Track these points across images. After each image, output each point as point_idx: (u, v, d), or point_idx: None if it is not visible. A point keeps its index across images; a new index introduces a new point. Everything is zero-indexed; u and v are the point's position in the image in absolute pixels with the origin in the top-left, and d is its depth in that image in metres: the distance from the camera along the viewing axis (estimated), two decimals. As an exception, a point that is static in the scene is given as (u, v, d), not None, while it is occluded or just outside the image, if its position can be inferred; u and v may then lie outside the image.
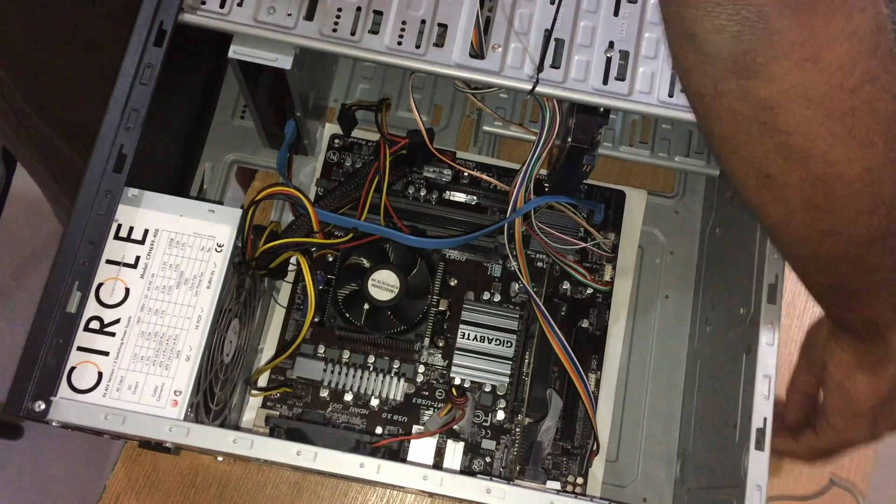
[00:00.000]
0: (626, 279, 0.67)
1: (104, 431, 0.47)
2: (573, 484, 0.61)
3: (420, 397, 0.63)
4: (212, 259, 0.50)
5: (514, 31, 0.55)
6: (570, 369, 0.58)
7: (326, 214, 0.59)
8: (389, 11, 0.55)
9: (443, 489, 0.48)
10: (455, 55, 0.54)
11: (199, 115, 0.69)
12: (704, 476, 0.58)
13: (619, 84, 0.54)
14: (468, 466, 0.61)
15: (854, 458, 0.65)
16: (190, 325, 0.49)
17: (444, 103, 0.72)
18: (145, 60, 0.51)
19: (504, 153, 0.71)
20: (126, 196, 0.50)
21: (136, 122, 0.50)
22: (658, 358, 0.67)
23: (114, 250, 0.49)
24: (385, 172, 0.62)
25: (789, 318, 0.68)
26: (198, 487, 0.62)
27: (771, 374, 0.50)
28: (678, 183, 0.72)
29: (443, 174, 0.67)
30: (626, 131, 0.71)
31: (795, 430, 0.53)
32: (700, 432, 0.60)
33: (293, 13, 0.54)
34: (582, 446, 0.62)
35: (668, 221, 0.70)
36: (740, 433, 0.50)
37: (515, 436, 0.62)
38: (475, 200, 0.67)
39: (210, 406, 0.53)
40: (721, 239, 0.64)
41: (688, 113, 0.54)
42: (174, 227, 0.50)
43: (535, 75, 0.54)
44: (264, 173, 0.70)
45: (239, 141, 0.69)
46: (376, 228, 0.60)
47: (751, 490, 0.48)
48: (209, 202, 0.52)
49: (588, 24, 0.56)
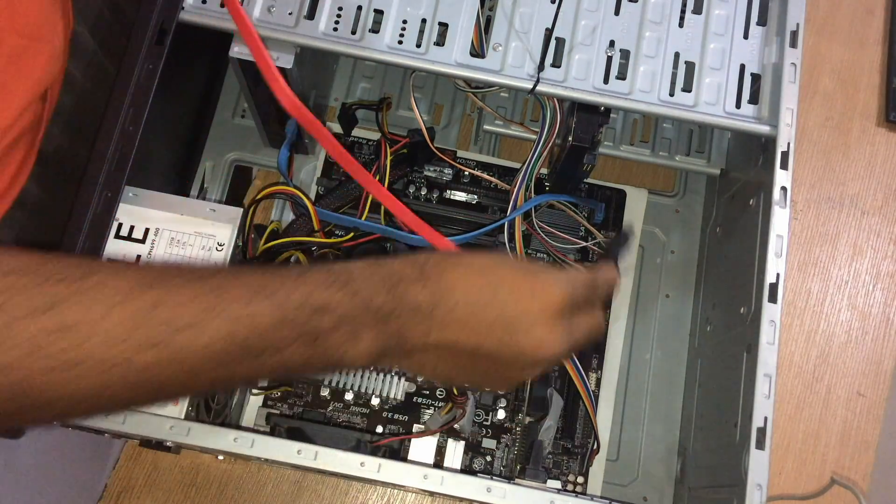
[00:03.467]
0: (626, 278, 0.67)
1: (105, 430, 0.47)
2: (574, 483, 0.61)
3: (421, 396, 0.63)
4: (213, 258, 0.50)
5: (515, 30, 0.55)
6: (570, 369, 0.58)
7: (327, 213, 0.59)
8: (390, 10, 0.55)
9: (443, 488, 0.48)
10: (456, 54, 0.54)
11: (199, 115, 0.69)
12: (705, 475, 0.58)
13: (619, 83, 0.54)
14: (469, 465, 0.61)
15: (855, 457, 0.65)
16: (191, 324, 0.49)
17: (444, 102, 0.72)
18: (146, 59, 0.51)
19: (504, 152, 0.71)
20: (126, 195, 0.50)
21: (137, 122, 0.50)
22: (659, 357, 0.67)
23: (114, 249, 0.49)
24: (386, 171, 0.62)
25: (790, 317, 0.68)
26: (198, 486, 0.62)
27: (771, 373, 0.49)
28: (679, 182, 0.72)
29: (443, 173, 0.67)
30: (627, 130, 0.71)
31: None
32: (700, 431, 0.60)
33: (294, 12, 0.54)
34: (582, 445, 0.62)
35: (669, 220, 0.70)
36: (741, 432, 0.50)
37: (516, 435, 0.62)
38: (476, 199, 0.67)
39: (211, 405, 0.53)
40: (721, 238, 0.64)
41: (688, 112, 0.54)
42: (175, 226, 0.50)
43: (536, 74, 0.54)
44: (265, 172, 0.70)
45: (239, 140, 0.69)
46: (377, 227, 0.60)
47: (751, 489, 0.47)
48: (210, 202, 0.52)
49: (589, 23, 0.56)
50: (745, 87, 0.55)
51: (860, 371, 0.67)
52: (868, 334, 0.68)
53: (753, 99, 0.55)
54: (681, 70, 0.55)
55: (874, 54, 0.74)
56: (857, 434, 0.66)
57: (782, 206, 0.52)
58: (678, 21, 0.56)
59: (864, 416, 0.66)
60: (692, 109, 0.54)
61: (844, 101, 0.73)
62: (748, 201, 0.57)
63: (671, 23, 0.56)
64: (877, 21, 0.75)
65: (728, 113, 0.55)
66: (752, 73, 0.55)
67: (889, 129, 0.73)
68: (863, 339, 0.68)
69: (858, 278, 0.69)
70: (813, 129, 0.72)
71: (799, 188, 0.71)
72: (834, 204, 0.71)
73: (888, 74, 0.73)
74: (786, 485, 0.65)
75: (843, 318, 0.68)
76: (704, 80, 0.55)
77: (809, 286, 0.69)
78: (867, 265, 0.70)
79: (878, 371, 0.67)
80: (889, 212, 0.71)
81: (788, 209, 0.52)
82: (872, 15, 0.76)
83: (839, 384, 0.67)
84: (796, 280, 0.69)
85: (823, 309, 0.68)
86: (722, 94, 0.55)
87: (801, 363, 0.67)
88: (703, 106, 0.55)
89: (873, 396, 0.67)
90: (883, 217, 0.71)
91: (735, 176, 0.64)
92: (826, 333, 0.68)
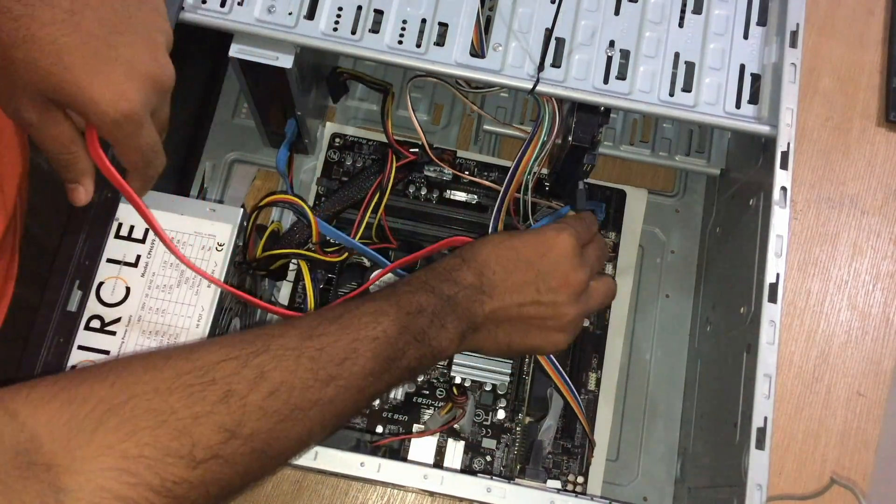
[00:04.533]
0: (626, 278, 0.67)
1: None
2: (574, 483, 0.61)
3: (420, 396, 0.63)
4: (212, 258, 0.50)
5: (515, 30, 0.55)
6: (546, 365, 0.58)
7: (327, 228, 0.58)
8: (390, 10, 0.55)
9: (443, 488, 0.48)
10: (456, 54, 0.54)
11: (199, 114, 0.69)
12: (705, 475, 0.58)
13: (619, 83, 0.54)
14: (469, 465, 0.61)
15: (855, 456, 0.65)
16: (191, 324, 0.49)
17: (444, 102, 0.72)
18: (146, 59, 0.51)
19: (505, 152, 0.71)
20: (127, 195, 0.50)
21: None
22: (659, 357, 0.67)
23: (114, 249, 0.49)
24: (389, 184, 0.61)
25: (790, 317, 0.68)
26: (198, 486, 0.62)
27: (771, 373, 0.49)
28: (679, 182, 0.72)
29: (443, 173, 0.67)
30: (627, 130, 0.71)
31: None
32: (700, 431, 0.60)
33: (294, 12, 0.54)
34: (582, 445, 0.62)
35: (669, 220, 0.70)
36: (741, 432, 0.50)
37: (516, 435, 0.62)
38: (476, 199, 0.67)
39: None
40: (721, 238, 0.64)
41: (688, 112, 0.54)
42: (175, 225, 0.50)
43: (536, 74, 0.54)
44: (265, 172, 0.70)
45: (239, 140, 0.69)
46: (369, 253, 0.59)
47: (751, 489, 0.47)
48: (210, 201, 0.52)
49: (588, 24, 0.56)
50: (745, 87, 0.55)
51: (860, 371, 0.67)
52: (868, 334, 0.68)
53: (753, 99, 0.55)
54: (681, 70, 0.55)
55: (874, 54, 0.74)
56: (857, 434, 0.66)
57: (782, 206, 0.52)
58: (678, 21, 0.56)
59: (864, 416, 0.66)
60: (692, 109, 0.54)
61: (844, 101, 0.73)
62: (748, 201, 0.57)
63: (671, 23, 0.56)
64: (877, 21, 0.75)
65: (728, 113, 0.55)
66: (752, 73, 0.55)
67: (889, 129, 0.73)
68: (863, 339, 0.68)
69: (858, 278, 0.69)
70: (813, 129, 0.72)
71: (799, 188, 0.71)
72: (834, 204, 0.71)
73: (888, 74, 0.73)
74: (786, 485, 0.65)
75: (843, 318, 0.68)
76: (704, 80, 0.55)
77: (809, 286, 0.69)
78: (867, 265, 0.70)
79: (878, 371, 0.67)
80: (889, 212, 0.71)
81: (788, 209, 0.52)
82: (872, 15, 0.75)
83: (839, 384, 0.67)
84: (796, 280, 0.69)
85: (823, 309, 0.68)
86: (722, 94, 0.55)
87: (801, 363, 0.67)
88: (703, 106, 0.55)
89: (873, 396, 0.66)
90: (883, 217, 0.71)
91: (735, 176, 0.64)
92: (826, 333, 0.68)
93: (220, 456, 0.36)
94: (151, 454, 0.34)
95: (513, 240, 0.50)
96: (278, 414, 0.38)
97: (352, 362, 0.41)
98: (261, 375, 0.38)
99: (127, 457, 0.34)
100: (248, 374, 0.38)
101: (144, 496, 0.34)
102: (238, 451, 0.37)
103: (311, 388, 0.40)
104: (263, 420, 0.38)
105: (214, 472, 0.36)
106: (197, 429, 0.36)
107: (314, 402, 0.40)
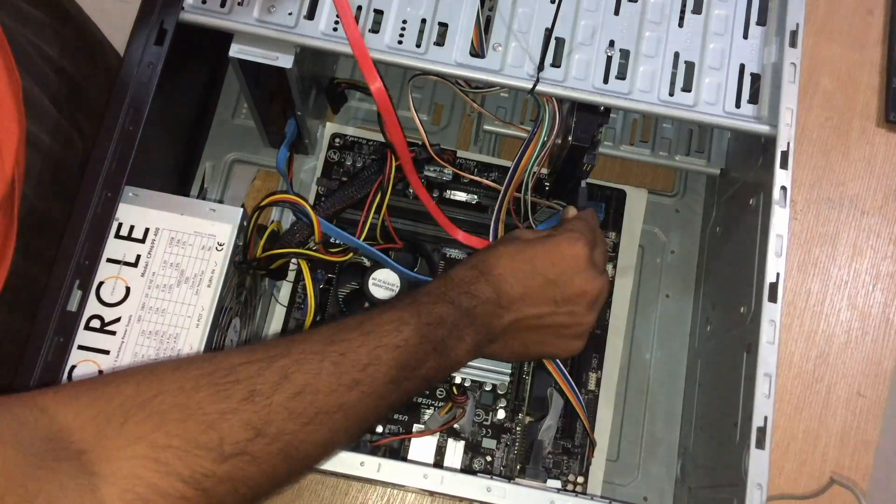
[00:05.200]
0: (626, 278, 0.67)
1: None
2: (574, 483, 0.61)
3: (420, 396, 0.63)
4: (212, 258, 0.50)
5: (515, 30, 0.55)
6: (551, 368, 0.58)
7: (331, 228, 0.58)
8: (390, 10, 0.55)
9: (443, 488, 0.48)
10: (456, 54, 0.54)
11: (199, 114, 0.69)
12: (705, 475, 0.58)
13: (619, 83, 0.54)
14: (469, 465, 0.61)
15: (855, 457, 0.65)
16: (191, 323, 0.49)
17: (444, 102, 0.72)
18: (146, 59, 0.51)
19: (505, 152, 0.71)
20: (126, 195, 0.50)
21: (137, 122, 0.50)
22: (659, 357, 0.67)
23: (114, 249, 0.49)
24: (389, 185, 0.61)
25: (790, 317, 0.68)
26: (198, 486, 0.62)
27: (772, 373, 0.50)
28: (679, 182, 0.72)
29: (444, 173, 0.67)
30: (627, 130, 0.71)
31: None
32: (701, 431, 0.60)
33: (294, 12, 0.54)
34: (582, 445, 0.62)
35: (669, 220, 0.70)
36: (741, 432, 0.50)
37: (516, 435, 0.62)
38: (476, 199, 0.67)
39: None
40: (721, 238, 0.64)
41: (688, 112, 0.54)
42: (175, 225, 0.50)
43: (536, 74, 0.54)
44: (265, 172, 0.70)
45: (239, 140, 0.69)
46: (375, 253, 0.60)
47: (751, 489, 0.47)
48: (210, 201, 0.52)
49: (588, 23, 0.56)
50: (745, 87, 0.55)
51: (860, 371, 0.67)
52: (868, 334, 0.68)
53: (753, 99, 0.55)
54: (680, 70, 0.55)
55: (874, 54, 0.74)
56: (857, 434, 0.66)
57: (782, 206, 0.52)
58: (678, 21, 0.56)
59: (864, 416, 0.66)
60: (692, 109, 0.54)
61: (844, 101, 0.73)
62: (748, 201, 0.57)
63: (671, 23, 0.56)
64: (877, 21, 0.75)
65: (728, 113, 0.55)
66: (751, 72, 0.55)
67: (889, 129, 0.73)
68: (863, 340, 0.68)
69: (858, 278, 0.69)
70: (813, 129, 0.72)
71: (799, 188, 0.71)
72: (834, 204, 0.71)
73: (888, 74, 0.73)
74: (786, 485, 0.65)
75: (842, 319, 0.68)
76: (704, 79, 0.55)
77: (809, 286, 0.69)
78: (867, 265, 0.70)
79: (878, 371, 0.67)
80: (889, 212, 0.71)
81: (788, 209, 0.52)
82: (872, 15, 0.76)
83: (839, 384, 0.67)
84: (796, 280, 0.69)
85: (823, 309, 0.68)
86: (722, 93, 0.55)
87: (801, 363, 0.67)
88: (703, 106, 0.55)
89: (873, 396, 0.67)
90: (883, 217, 0.71)
91: (735, 176, 0.64)
92: (826, 333, 0.68)
93: (248, 453, 0.36)
94: (180, 445, 0.35)
95: (527, 251, 0.51)
96: (303, 416, 0.39)
97: (375, 368, 0.42)
98: (284, 377, 0.39)
99: (156, 446, 0.34)
100: (271, 376, 0.39)
101: (174, 486, 0.34)
102: (265, 449, 0.37)
103: (335, 391, 0.40)
104: (289, 421, 0.38)
105: (242, 468, 0.36)
106: (224, 424, 0.36)
107: (338, 407, 0.40)
